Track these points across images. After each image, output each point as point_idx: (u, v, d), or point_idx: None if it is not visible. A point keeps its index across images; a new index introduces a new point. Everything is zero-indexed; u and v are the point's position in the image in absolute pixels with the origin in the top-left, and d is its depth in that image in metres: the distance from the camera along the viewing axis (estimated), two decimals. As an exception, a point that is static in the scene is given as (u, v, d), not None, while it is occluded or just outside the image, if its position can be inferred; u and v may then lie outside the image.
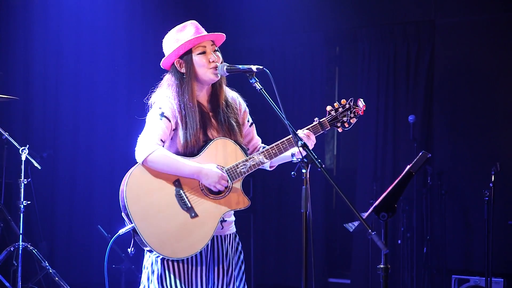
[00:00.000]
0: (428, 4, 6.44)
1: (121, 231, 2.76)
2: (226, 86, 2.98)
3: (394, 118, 6.47)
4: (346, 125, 2.89)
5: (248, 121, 3.04)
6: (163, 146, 2.79)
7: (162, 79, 2.96)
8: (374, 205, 2.50)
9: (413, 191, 6.02)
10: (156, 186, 2.74)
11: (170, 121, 2.79)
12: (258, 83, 2.71)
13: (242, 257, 2.98)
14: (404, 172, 2.52)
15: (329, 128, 2.89)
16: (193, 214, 2.75)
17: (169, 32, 2.93)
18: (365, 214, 2.51)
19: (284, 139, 2.85)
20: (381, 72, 6.55)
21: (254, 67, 2.72)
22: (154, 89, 2.95)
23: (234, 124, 2.92)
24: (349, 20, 6.85)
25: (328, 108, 2.90)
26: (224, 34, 2.92)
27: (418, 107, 6.35)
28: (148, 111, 2.88)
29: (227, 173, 2.81)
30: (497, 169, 4.96)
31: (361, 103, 2.89)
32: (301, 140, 2.53)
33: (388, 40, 6.53)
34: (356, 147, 6.80)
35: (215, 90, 2.93)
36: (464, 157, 6.22)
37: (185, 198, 2.76)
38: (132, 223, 2.69)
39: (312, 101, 6.82)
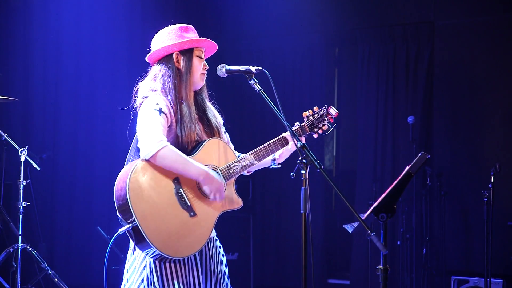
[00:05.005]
0: (427, 6, 6.45)
1: (121, 230, 2.70)
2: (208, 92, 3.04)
3: (393, 119, 6.47)
4: (321, 132, 2.98)
5: (223, 129, 3.08)
6: None
7: None
8: (373, 206, 2.50)
9: (412, 192, 6.02)
10: (157, 183, 2.72)
11: (167, 117, 2.79)
12: (257, 84, 2.73)
13: (225, 260, 2.99)
14: (403, 173, 2.52)
15: (309, 132, 2.97)
16: (192, 213, 2.75)
17: (167, 27, 2.94)
18: (365, 215, 2.50)
19: (271, 141, 2.92)
20: (381, 73, 6.55)
21: (253, 68, 2.74)
22: (141, 78, 2.96)
23: (218, 125, 2.98)
24: (348, 21, 6.85)
25: (305, 114, 2.99)
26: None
27: (417, 108, 6.35)
28: (134, 101, 2.90)
29: (221, 173, 2.83)
30: (496, 169, 4.96)
31: (333, 110, 2.96)
32: (300, 141, 2.55)
33: (388, 42, 6.53)
34: (355, 148, 6.79)
35: (199, 93, 2.98)
36: (463, 158, 6.21)
37: (185, 197, 2.75)
38: (134, 220, 2.64)
39: (312, 102, 6.79)
